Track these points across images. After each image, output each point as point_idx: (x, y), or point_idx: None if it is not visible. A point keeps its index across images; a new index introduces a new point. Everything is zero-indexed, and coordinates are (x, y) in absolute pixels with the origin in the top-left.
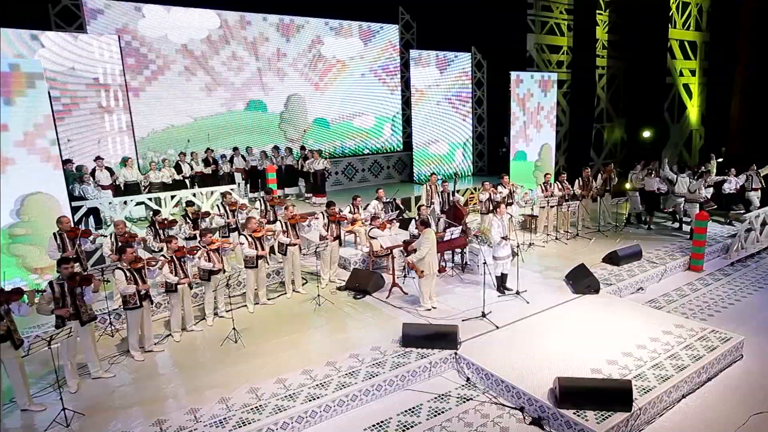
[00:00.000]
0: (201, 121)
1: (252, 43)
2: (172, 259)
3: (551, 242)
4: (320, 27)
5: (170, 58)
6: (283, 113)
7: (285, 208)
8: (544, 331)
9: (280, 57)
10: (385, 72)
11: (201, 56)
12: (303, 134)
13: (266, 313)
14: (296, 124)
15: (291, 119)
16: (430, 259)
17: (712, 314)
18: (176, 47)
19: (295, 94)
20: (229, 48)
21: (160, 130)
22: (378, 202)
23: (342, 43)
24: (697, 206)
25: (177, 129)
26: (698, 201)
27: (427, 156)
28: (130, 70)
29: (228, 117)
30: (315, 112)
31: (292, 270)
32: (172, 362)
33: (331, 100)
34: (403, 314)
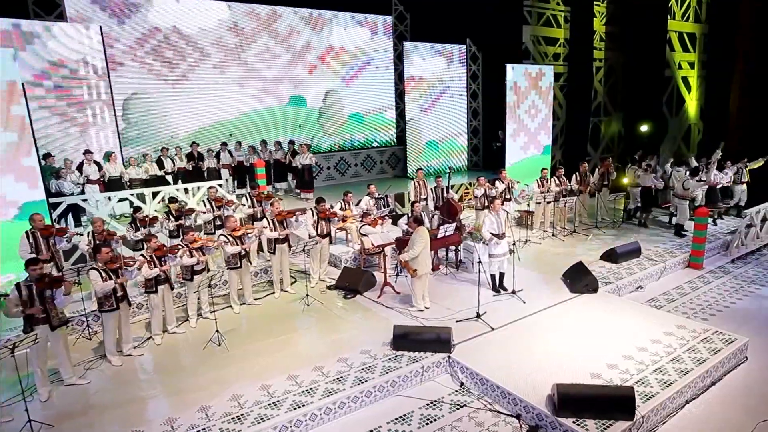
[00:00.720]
0: (247, 116)
1: (284, 37)
2: (152, 259)
3: (547, 239)
4: (346, 20)
5: (206, 52)
6: (322, 108)
7: (270, 204)
8: (541, 333)
9: (309, 50)
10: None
11: (234, 49)
12: (341, 126)
13: (252, 314)
14: (334, 118)
15: (329, 114)
16: (424, 257)
17: (714, 314)
18: (211, 41)
19: (332, 90)
20: (262, 41)
21: (208, 124)
22: (370, 198)
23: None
24: (686, 204)
25: (225, 123)
26: (687, 198)
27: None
28: (168, 63)
29: (271, 112)
30: (350, 107)
31: (280, 268)
32: (152, 367)
33: (359, 94)
34: (395, 315)
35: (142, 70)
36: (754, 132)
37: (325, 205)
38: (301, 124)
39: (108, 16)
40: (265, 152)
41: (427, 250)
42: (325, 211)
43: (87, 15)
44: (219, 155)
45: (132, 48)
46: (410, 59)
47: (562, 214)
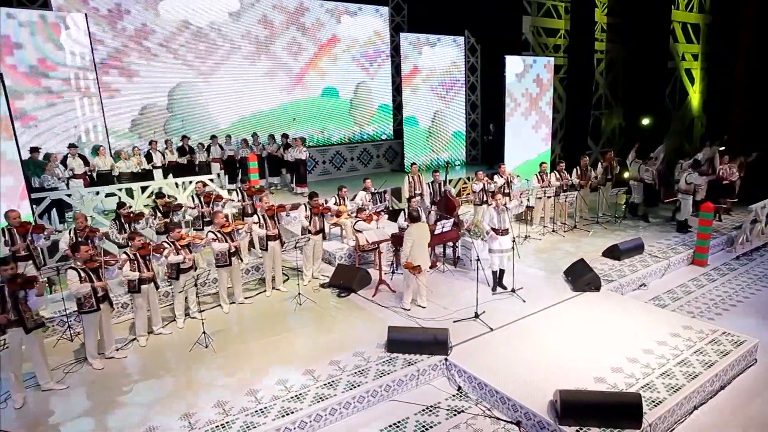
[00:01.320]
0: (283, 106)
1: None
2: (136, 258)
3: (548, 235)
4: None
5: (236, 44)
6: (353, 99)
7: (260, 199)
8: (542, 334)
9: (335, 43)
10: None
11: (264, 42)
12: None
13: (242, 314)
14: (363, 109)
15: (359, 105)
16: (416, 254)
17: (720, 313)
18: (240, 33)
19: (363, 81)
20: (289, 34)
21: (248, 114)
22: (365, 193)
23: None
24: (690, 199)
25: (263, 114)
26: (691, 193)
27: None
28: (202, 56)
29: (306, 103)
30: (378, 99)
31: (272, 266)
32: (135, 371)
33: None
34: (390, 315)
35: (176, 62)
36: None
37: (318, 200)
38: (295, 118)
39: (142, 9)
40: (257, 146)
41: (420, 246)
42: (318, 207)
43: (125, 7)
44: (209, 149)
45: (167, 41)
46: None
47: (563, 210)
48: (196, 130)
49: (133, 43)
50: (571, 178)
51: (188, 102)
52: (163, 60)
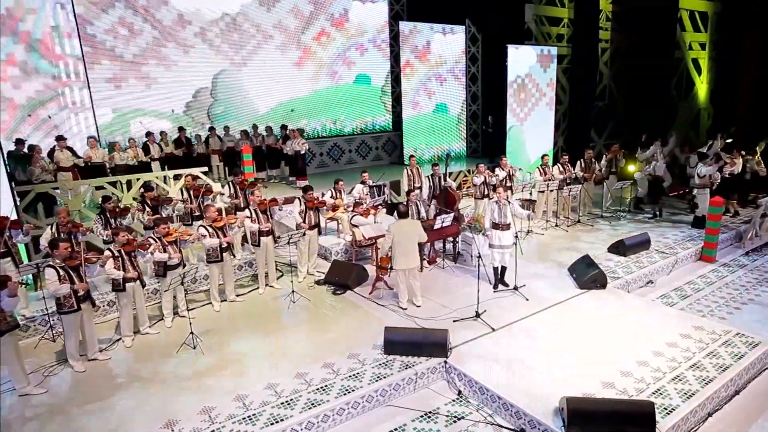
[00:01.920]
0: (319, 93)
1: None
2: (120, 254)
3: (550, 229)
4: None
5: (268, 33)
6: (384, 86)
7: (252, 193)
8: (546, 334)
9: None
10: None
11: (295, 31)
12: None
13: (233, 312)
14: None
15: (390, 92)
16: (399, 252)
17: (731, 312)
18: (272, 23)
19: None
20: (319, 24)
21: (285, 100)
22: (363, 186)
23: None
24: (707, 193)
25: (300, 100)
26: (707, 186)
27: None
28: (235, 45)
29: (340, 89)
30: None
31: (265, 262)
32: (118, 373)
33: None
34: (387, 314)
35: (211, 51)
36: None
37: (312, 194)
38: (293, 109)
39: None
40: (256, 138)
41: (401, 244)
42: (312, 200)
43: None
44: (208, 141)
45: (203, 30)
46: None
47: (566, 203)
48: (236, 115)
49: (171, 32)
50: (575, 171)
51: (229, 89)
52: (199, 50)
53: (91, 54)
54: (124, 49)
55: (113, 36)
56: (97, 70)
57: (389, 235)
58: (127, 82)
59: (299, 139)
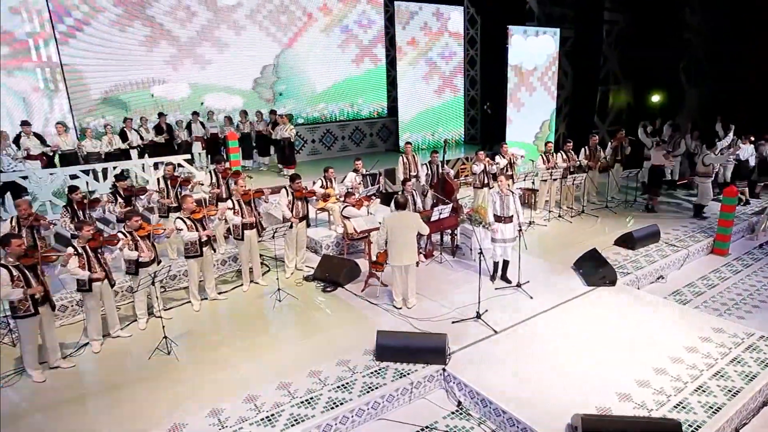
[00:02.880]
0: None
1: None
2: (85, 252)
3: (553, 220)
4: None
5: (315, 16)
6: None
7: (235, 183)
8: (553, 337)
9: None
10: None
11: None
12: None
13: (214, 312)
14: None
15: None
16: (392, 247)
17: (750, 310)
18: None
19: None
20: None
21: (340, 80)
22: (355, 175)
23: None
24: (709, 182)
25: (353, 80)
26: (710, 176)
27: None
28: (283, 26)
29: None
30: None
31: (249, 257)
32: (82, 384)
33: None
34: (380, 314)
35: (260, 33)
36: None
37: (300, 183)
38: (282, 92)
39: None
40: (245, 123)
41: (397, 238)
42: (300, 190)
43: None
44: (190, 127)
45: (253, 13)
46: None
47: (570, 193)
48: (294, 94)
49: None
50: (579, 159)
51: (289, 69)
52: (250, 31)
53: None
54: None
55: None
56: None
57: (383, 228)
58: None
59: (287, 125)
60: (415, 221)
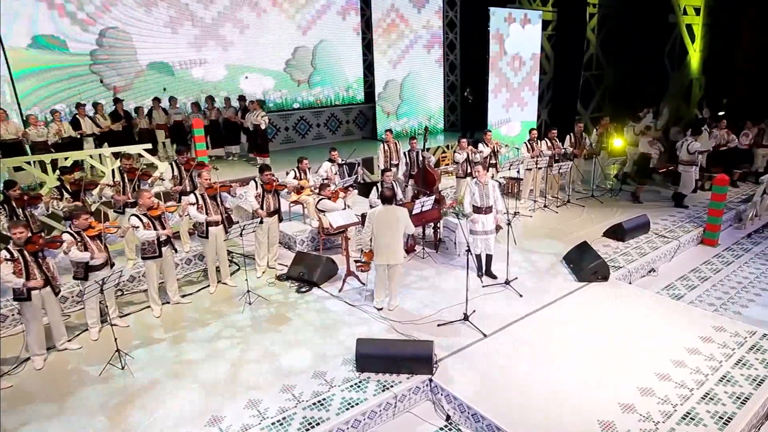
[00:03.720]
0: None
1: None
2: (22, 256)
3: (538, 211)
4: None
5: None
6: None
7: (199, 175)
8: (546, 341)
9: None
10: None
11: None
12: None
13: (177, 317)
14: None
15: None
16: (381, 246)
17: (746, 305)
18: None
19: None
20: None
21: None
22: (331, 165)
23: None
24: (692, 171)
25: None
26: (695, 164)
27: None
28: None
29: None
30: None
31: (216, 256)
32: (17, 407)
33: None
34: (360, 316)
35: (280, 17)
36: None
37: (270, 175)
38: (247, 75)
39: None
40: (212, 110)
41: (385, 235)
42: (271, 183)
43: None
44: (151, 114)
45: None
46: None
47: (555, 182)
48: (329, 83)
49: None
50: (564, 147)
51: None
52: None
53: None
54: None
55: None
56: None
57: (369, 224)
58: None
59: (259, 112)
60: (402, 217)
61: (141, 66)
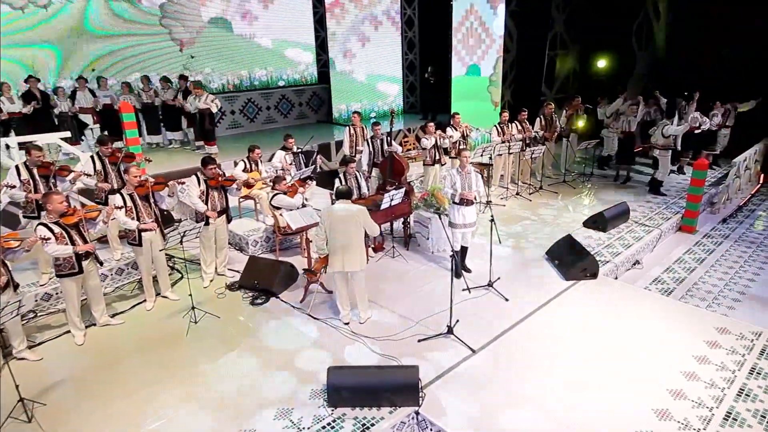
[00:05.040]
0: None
1: None
2: None
3: (511, 198)
4: None
5: None
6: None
7: (126, 171)
8: (542, 353)
9: None
10: None
11: None
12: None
13: (105, 344)
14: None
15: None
16: (335, 250)
17: (737, 298)
18: None
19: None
20: None
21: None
22: (285, 154)
23: None
24: (669, 155)
25: None
26: (670, 148)
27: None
28: None
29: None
30: None
31: (151, 266)
32: None
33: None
34: (328, 333)
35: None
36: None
37: (215, 169)
38: (193, 55)
39: None
40: (147, 92)
41: (340, 237)
42: (216, 177)
43: None
44: (74, 95)
45: None
46: None
47: (526, 167)
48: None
49: None
50: (535, 130)
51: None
52: None
53: None
54: None
55: None
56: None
57: (322, 224)
58: None
59: (205, 95)
60: (361, 216)
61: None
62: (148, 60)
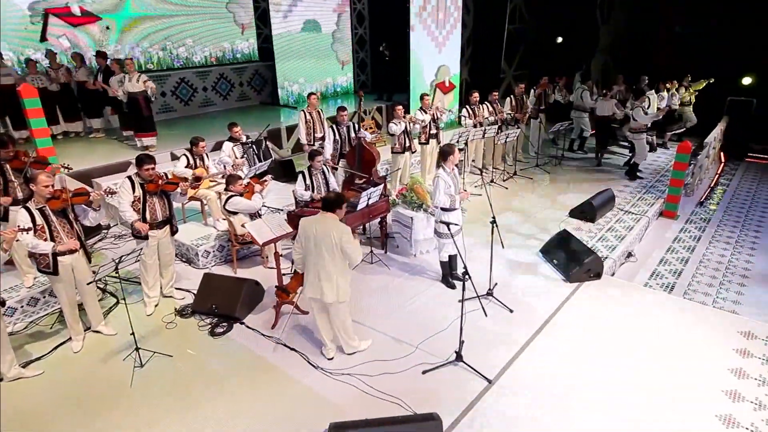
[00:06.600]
0: None
1: None
2: None
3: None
4: None
5: None
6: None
7: (32, 179)
8: (566, 376)
9: None
10: None
11: None
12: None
13: (19, 404)
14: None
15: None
16: (308, 272)
17: (740, 291)
18: None
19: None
20: None
21: None
22: (233, 145)
23: None
24: (644, 137)
25: None
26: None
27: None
28: None
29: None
30: None
31: (76, 296)
32: None
33: None
34: (309, 371)
35: None
36: (685, 47)
37: (151, 169)
38: (108, 26)
39: None
40: (57, 71)
41: (311, 255)
42: (156, 180)
43: None
44: None
45: None
46: None
47: (498, 152)
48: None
49: None
50: (506, 111)
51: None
52: None
53: None
54: None
55: None
56: None
57: (299, 238)
58: None
59: (136, 75)
60: (337, 236)
61: None
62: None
